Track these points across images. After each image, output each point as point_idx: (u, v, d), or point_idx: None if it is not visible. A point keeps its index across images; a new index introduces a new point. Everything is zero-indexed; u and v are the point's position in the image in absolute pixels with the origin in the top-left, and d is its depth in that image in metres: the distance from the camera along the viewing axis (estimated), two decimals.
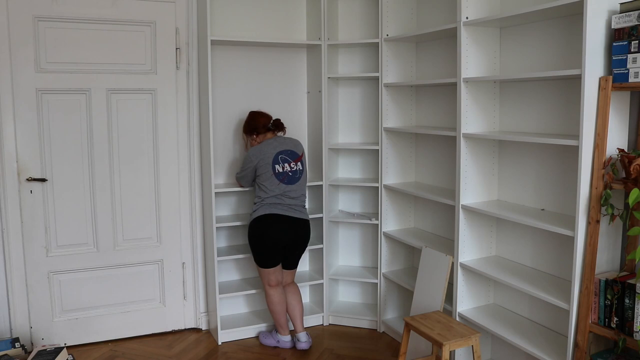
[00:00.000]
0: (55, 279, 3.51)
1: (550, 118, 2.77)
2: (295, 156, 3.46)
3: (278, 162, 3.39)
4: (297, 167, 3.45)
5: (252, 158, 3.41)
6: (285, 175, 3.39)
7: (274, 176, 3.37)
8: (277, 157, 3.40)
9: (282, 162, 3.40)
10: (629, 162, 2.23)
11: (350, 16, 3.93)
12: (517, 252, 3.03)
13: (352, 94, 4.01)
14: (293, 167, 3.43)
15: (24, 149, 3.36)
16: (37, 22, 3.30)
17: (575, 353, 2.42)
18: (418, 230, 3.80)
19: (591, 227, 2.35)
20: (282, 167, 3.39)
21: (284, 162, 3.40)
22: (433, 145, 3.64)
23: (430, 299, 3.20)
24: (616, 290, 2.29)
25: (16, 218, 3.37)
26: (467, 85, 2.97)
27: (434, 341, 2.72)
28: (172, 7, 3.59)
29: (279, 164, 3.39)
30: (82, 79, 3.43)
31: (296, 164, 3.45)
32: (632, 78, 2.20)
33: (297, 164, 3.45)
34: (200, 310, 3.89)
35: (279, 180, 3.38)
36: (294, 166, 3.43)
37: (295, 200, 3.43)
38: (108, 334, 3.67)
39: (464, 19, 2.91)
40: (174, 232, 3.77)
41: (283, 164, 3.40)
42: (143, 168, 3.64)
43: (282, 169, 3.39)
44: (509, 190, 3.06)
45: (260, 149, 3.41)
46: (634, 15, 2.18)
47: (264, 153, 3.39)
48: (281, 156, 3.41)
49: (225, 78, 3.77)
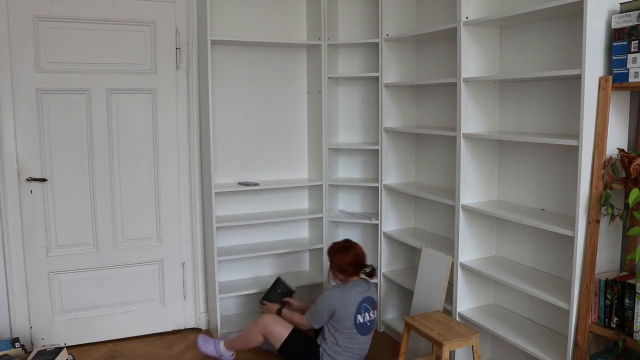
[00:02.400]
0: (55, 279, 3.51)
1: (550, 118, 2.77)
2: (373, 303, 3.08)
3: (361, 311, 2.99)
4: (374, 316, 3.09)
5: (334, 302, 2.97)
6: (364, 327, 3.02)
7: (354, 327, 2.97)
8: (361, 305, 3.00)
9: (364, 311, 3.00)
10: (629, 162, 2.23)
11: (350, 16, 3.93)
12: (517, 252, 3.03)
13: (352, 94, 4.01)
14: (372, 317, 3.06)
15: (24, 149, 3.36)
16: (37, 22, 3.30)
17: (575, 353, 2.42)
18: (418, 230, 3.80)
19: (591, 227, 2.35)
20: (363, 317, 3.00)
21: (365, 312, 3.01)
22: (433, 145, 3.64)
23: (430, 299, 3.20)
24: (616, 290, 2.29)
25: (16, 218, 3.37)
26: (467, 85, 2.97)
27: (434, 341, 2.72)
28: (172, 7, 3.59)
29: (361, 314, 2.99)
30: (82, 79, 3.43)
31: (374, 313, 3.08)
32: (632, 78, 2.20)
33: (374, 312, 3.09)
34: (200, 310, 3.89)
35: (358, 332, 2.98)
36: (372, 315, 3.06)
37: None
38: (108, 334, 3.67)
39: (464, 19, 2.91)
40: (174, 232, 3.77)
41: (364, 313, 3.00)
42: (143, 168, 3.64)
43: (363, 319, 3.00)
44: (509, 190, 3.06)
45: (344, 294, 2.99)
46: (634, 15, 2.18)
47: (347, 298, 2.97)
48: (364, 304, 3.01)
49: (225, 78, 3.77)
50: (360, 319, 3.00)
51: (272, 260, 4.02)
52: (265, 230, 4.00)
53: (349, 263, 3.05)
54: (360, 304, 2.99)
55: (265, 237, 4.00)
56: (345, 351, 3.00)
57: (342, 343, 3.00)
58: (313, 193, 4.04)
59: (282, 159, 4.01)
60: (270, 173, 3.98)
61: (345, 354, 3.00)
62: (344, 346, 3.00)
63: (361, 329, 3.01)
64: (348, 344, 3.00)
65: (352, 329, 2.98)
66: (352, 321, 2.97)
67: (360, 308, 2.99)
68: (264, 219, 3.76)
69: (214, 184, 3.65)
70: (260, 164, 3.95)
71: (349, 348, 3.01)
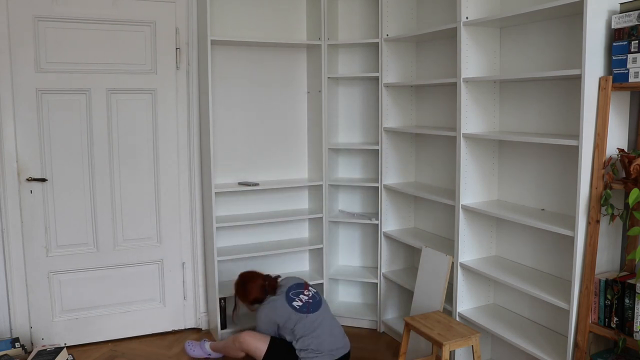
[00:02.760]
0: (55, 279, 3.51)
1: (550, 118, 2.77)
2: (300, 286, 3.17)
3: (293, 299, 3.06)
4: (311, 292, 3.15)
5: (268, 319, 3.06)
6: (306, 305, 3.06)
7: (299, 313, 3.01)
8: (288, 296, 3.08)
9: (295, 297, 3.08)
10: (629, 162, 2.23)
11: (350, 16, 3.93)
12: (517, 252, 3.03)
13: (352, 94, 4.01)
14: (308, 294, 3.13)
15: (24, 149, 3.36)
16: (37, 22, 3.30)
17: (575, 353, 2.42)
18: (418, 230, 3.80)
19: (591, 227, 2.35)
20: (300, 300, 3.07)
21: (297, 296, 3.09)
22: (433, 145, 3.64)
23: (430, 299, 3.20)
24: (616, 290, 2.29)
25: (16, 218, 3.37)
26: (467, 85, 2.97)
27: (434, 341, 2.72)
28: (172, 7, 3.59)
29: (295, 301, 3.06)
30: (82, 79, 3.43)
31: (309, 290, 3.16)
32: (632, 78, 2.20)
33: (309, 289, 3.16)
34: (200, 310, 3.89)
35: (305, 312, 3.02)
36: (309, 292, 3.14)
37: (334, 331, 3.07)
38: (108, 334, 3.67)
39: (464, 19, 2.91)
40: (174, 232, 3.77)
41: (298, 297, 3.08)
42: (143, 168, 3.64)
43: (301, 301, 3.07)
44: (509, 190, 3.06)
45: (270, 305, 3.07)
46: (634, 15, 2.18)
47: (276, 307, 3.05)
48: (290, 293, 3.10)
49: (225, 78, 3.77)
50: (297, 304, 3.04)
51: (272, 260, 4.02)
52: (265, 230, 4.00)
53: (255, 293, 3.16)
54: (287, 296, 3.07)
55: (265, 237, 4.00)
56: (317, 351, 2.97)
57: (306, 340, 2.98)
58: (313, 193, 4.04)
59: (282, 159, 4.01)
60: (270, 173, 3.98)
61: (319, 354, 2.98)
62: (311, 343, 2.98)
63: (305, 308, 3.04)
64: (312, 337, 2.97)
65: (298, 315, 3.00)
66: (293, 311, 3.01)
67: (289, 298, 3.06)
68: (264, 219, 3.76)
69: (214, 184, 3.65)
70: (260, 164, 3.95)
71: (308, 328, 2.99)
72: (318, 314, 3.05)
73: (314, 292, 3.16)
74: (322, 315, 3.07)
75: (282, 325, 3.04)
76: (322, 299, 3.16)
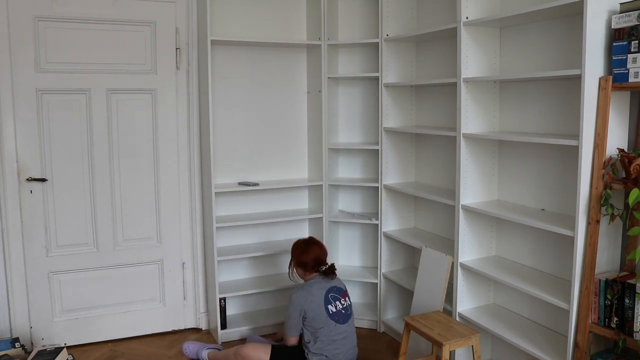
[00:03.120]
0: (55, 279, 3.51)
1: (550, 118, 2.77)
2: (341, 292, 3.10)
3: (330, 301, 3.00)
4: (347, 302, 3.08)
5: (300, 302, 2.97)
6: (339, 315, 3.01)
7: (329, 318, 2.95)
8: (328, 296, 3.01)
9: (333, 300, 3.02)
10: (629, 162, 2.23)
11: (350, 16, 3.93)
12: (517, 252, 3.03)
13: (352, 94, 4.01)
14: (344, 304, 3.06)
15: (24, 149, 3.36)
16: (37, 22, 3.30)
17: (575, 353, 2.42)
18: (418, 230, 3.80)
19: (591, 227, 2.35)
20: (335, 307, 3.01)
21: (335, 301, 3.03)
22: (433, 145, 3.64)
23: (430, 299, 3.20)
24: (616, 290, 2.29)
25: (16, 218, 3.37)
26: (467, 85, 2.97)
27: (434, 341, 2.72)
28: (172, 7, 3.59)
29: (331, 304, 3.00)
30: (82, 79, 3.43)
31: (345, 300, 3.08)
32: (632, 78, 2.20)
33: (345, 299, 3.08)
34: (200, 310, 3.89)
35: (335, 321, 2.97)
36: (345, 302, 3.07)
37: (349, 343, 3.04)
38: (108, 334, 3.67)
39: (464, 19, 2.91)
40: (174, 232, 3.77)
41: (334, 302, 3.02)
42: (143, 168, 3.64)
43: (335, 307, 3.01)
44: (509, 190, 3.06)
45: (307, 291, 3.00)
46: (634, 15, 2.18)
47: (312, 295, 2.99)
48: (331, 294, 3.04)
49: (225, 78, 3.77)
50: (332, 309, 2.99)
51: (272, 260, 4.02)
52: (265, 230, 4.00)
53: (310, 258, 3.08)
54: (327, 295, 3.00)
55: (265, 237, 4.00)
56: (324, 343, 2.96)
57: (324, 347, 2.95)
58: (313, 193, 4.04)
59: (282, 159, 4.01)
60: (270, 173, 3.98)
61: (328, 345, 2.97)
62: (328, 350, 2.95)
63: (337, 317, 2.99)
64: (331, 346, 2.95)
65: (328, 320, 2.95)
66: (325, 313, 2.95)
67: (327, 299, 3.00)
68: (264, 219, 3.76)
69: (214, 184, 3.65)
70: (260, 164, 3.95)
71: (331, 336, 2.95)
72: (346, 326, 3.03)
73: (348, 303, 3.09)
74: (347, 329, 3.04)
75: (308, 317, 2.96)
76: (352, 312, 3.11)
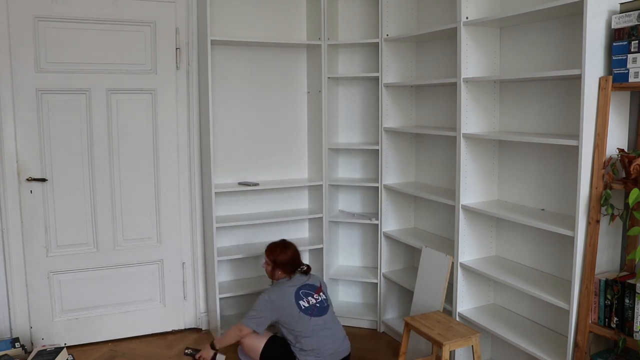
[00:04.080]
0: (55, 279, 3.51)
1: (550, 118, 2.77)
2: (314, 288, 3.14)
3: (301, 298, 3.05)
4: (321, 297, 3.12)
5: (270, 298, 3.03)
6: (312, 309, 3.04)
7: (301, 313, 3.00)
8: (299, 293, 3.07)
9: (305, 296, 3.07)
10: (629, 162, 2.23)
11: (350, 16, 3.93)
12: (517, 252, 3.03)
13: (352, 94, 4.01)
14: (318, 299, 3.10)
15: (24, 149, 3.35)
16: (37, 22, 3.30)
17: (575, 353, 2.42)
18: (418, 230, 3.80)
19: (591, 227, 2.35)
20: (307, 302, 3.05)
21: (306, 297, 3.08)
22: (433, 145, 3.64)
23: (430, 299, 3.20)
24: (616, 290, 2.29)
25: (16, 218, 3.37)
26: (467, 85, 2.97)
27: (434, 341, 2.72)
28: (172, 7, 3.59)
29: (303, 300, 3.05)
30: (82, 79, 3.43)
31: (319, 295, 3.12)
32: (632, 78, 2.20)
33: (319, 294, 3.13)
34: (200, 310, 3.89)
35: (309, 315, 3.01)
36: (318, 297, 3.11)
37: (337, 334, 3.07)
38: (108, 334, 3.67)
39: (464, 19, 2.91)
40: (174, 232, 3.77)
41: (306, 298, 3.07)
42: (143, 168, 3.64)
43: (308, 303, 3.05)
44: (509, 190, 3.06)
45: (278, 289, 3.08)
46: (634, 15, 2.18)
47: (283, 292, 3.05)
48: (302, 291, 3.09)
49: (225, 78, 3.77)
50: (303, 304, 3.02)
51: None
52: (265, 230, 3.99)
53: (287, 261, 3.14)
54: (297, 293, 3.05)
55: (265, 237, 4.00)
56: (317, 354, 2.96)
57: (308, 342, 2.96)
58: (313, 193, 4.04)
59: (282, 159, 4.01)
60: (270, 173, 3.98)
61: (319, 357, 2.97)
62: (312, 344, 2.96)
63: (310, 311, 3.01)
64: (314, 340, 2.96)
65: (302, 315, 2.98)
66: (297, 309, 2.99)
67: (298, 295, 3.04)
68: (264, 219, 3.76)
69: (214, 184, 3.65)
70: (260, 164, 3.95)
71: (318, 343, 2.96)
72: (323, 318, 3.04)
73: (323, 297, 3.12)
74: (326, 320, 3.05)
75: (282, 316, 3.01)
76: (329, 305, 3.13)
